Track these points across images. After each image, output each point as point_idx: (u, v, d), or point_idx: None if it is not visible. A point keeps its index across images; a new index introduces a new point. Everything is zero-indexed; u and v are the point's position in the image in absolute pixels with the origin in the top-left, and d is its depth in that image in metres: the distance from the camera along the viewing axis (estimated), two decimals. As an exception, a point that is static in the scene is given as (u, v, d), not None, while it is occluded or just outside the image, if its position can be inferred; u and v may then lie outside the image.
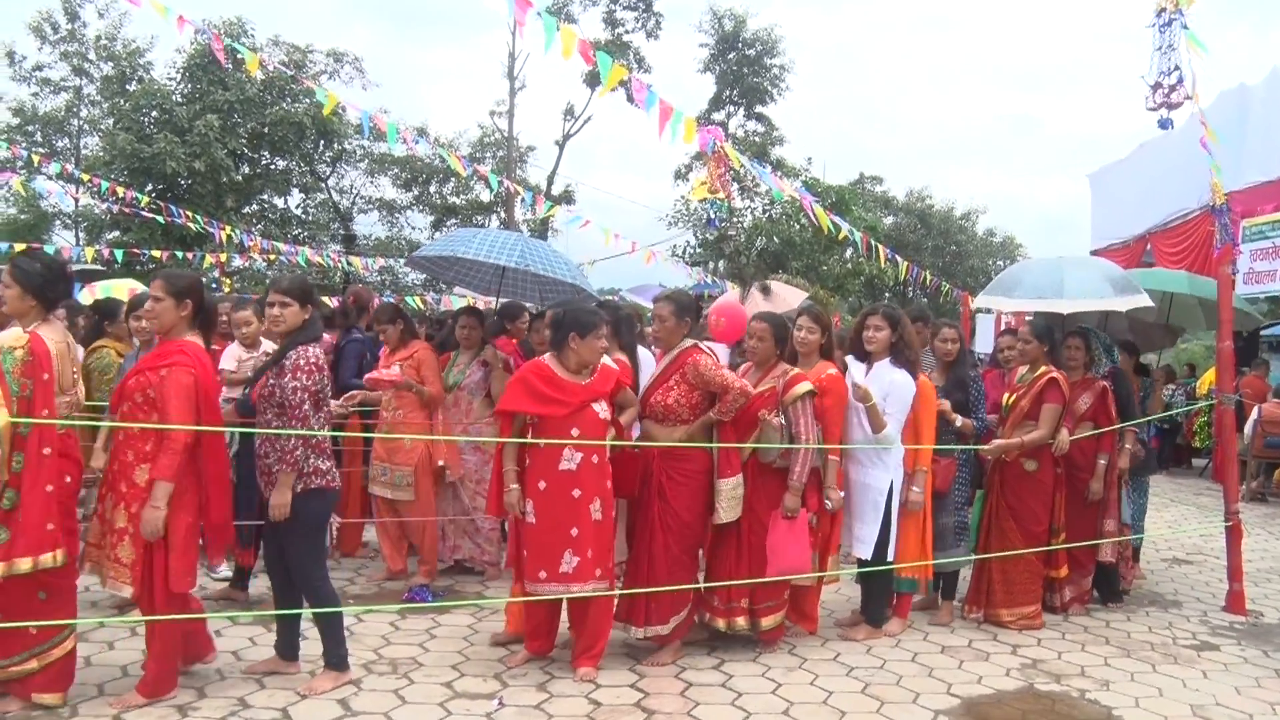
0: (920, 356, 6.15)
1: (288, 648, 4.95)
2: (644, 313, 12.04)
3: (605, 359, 5.34)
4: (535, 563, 5.02)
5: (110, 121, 26.90)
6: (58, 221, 28.19)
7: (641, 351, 6.20)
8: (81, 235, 27.54)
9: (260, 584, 6.53)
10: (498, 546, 7.07)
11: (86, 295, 10.63)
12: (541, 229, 31.20)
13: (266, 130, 27.23)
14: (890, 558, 5.87)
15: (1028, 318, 8.23)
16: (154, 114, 25.90)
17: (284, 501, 4.54)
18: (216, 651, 4.94)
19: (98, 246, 21.49)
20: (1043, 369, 6.41)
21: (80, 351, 4.50)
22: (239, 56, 24.53)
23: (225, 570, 6.58)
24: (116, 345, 6.79)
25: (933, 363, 6.65)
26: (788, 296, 12.77)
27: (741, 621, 5.56)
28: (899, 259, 13.34)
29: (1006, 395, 6.69)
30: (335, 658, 4.82)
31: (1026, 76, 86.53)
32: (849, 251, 30.17)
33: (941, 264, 39.26)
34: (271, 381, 4.64)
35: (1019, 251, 43.20)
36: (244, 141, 26.80)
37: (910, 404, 5.88)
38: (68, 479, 4.41)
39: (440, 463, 6.76)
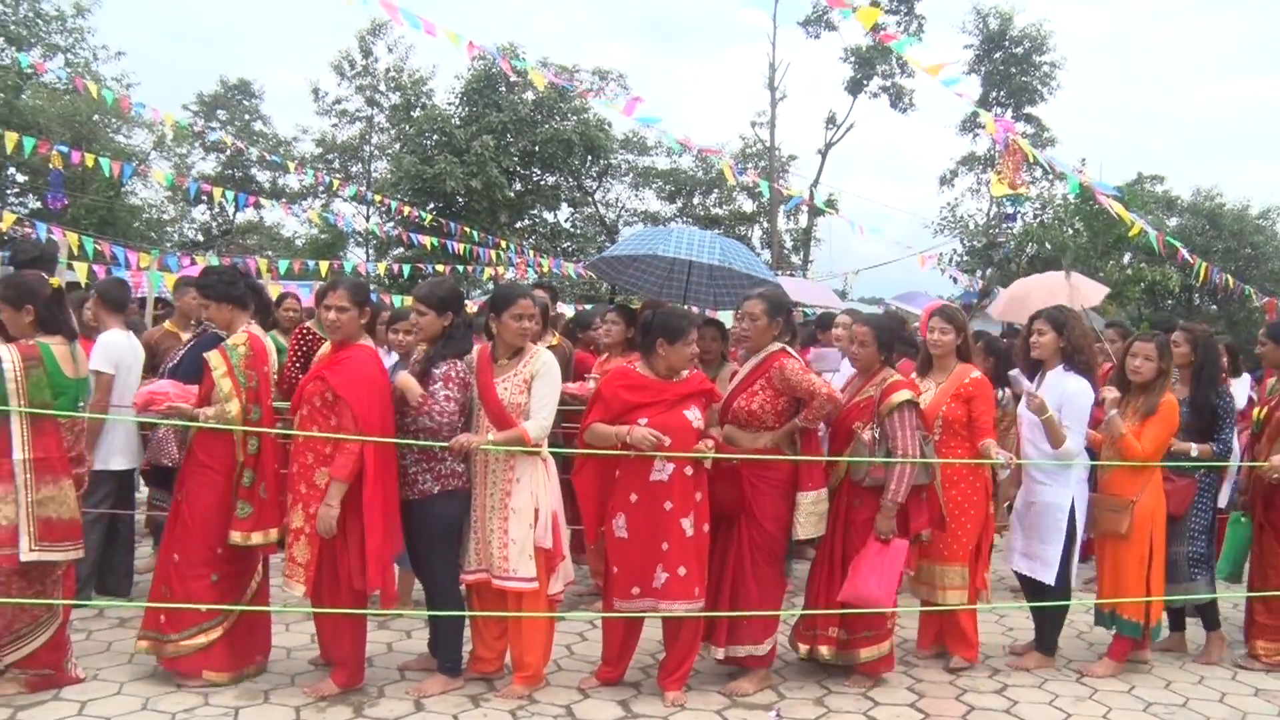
0: (1096, 360, 5.60)
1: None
2: (911, 320, 11.72)
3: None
4: (626, 578, 4.78)
5: (397, 146, 29.32)
6: (351, 240, 30.85)
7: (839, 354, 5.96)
8: (371, 252, 30.07)
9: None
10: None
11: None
12: (804, 238, 31.14)
13: (537, 148, 28.80)
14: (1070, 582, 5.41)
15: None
16: (435, 137, 28.02)
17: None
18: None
19: (386, 262, 23.31)
20: None
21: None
22: (520, 77, 26.32)
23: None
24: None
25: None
26: (1086, 291, 11.92)
27: (825, 651, 5.06)
28: (1196, 260, 12.41)
29: (1257, 410, 5.99)
30: (449, 662, 4.83)
31: (1335, 56, 77.80)
32: (1127, 257, 28.38)
33: (1234, 269, 36.12)
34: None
35: (1326, 254, 39.01)
36: (516, 160, 28.45)
37: (1089, 414, 5.34)
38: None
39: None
